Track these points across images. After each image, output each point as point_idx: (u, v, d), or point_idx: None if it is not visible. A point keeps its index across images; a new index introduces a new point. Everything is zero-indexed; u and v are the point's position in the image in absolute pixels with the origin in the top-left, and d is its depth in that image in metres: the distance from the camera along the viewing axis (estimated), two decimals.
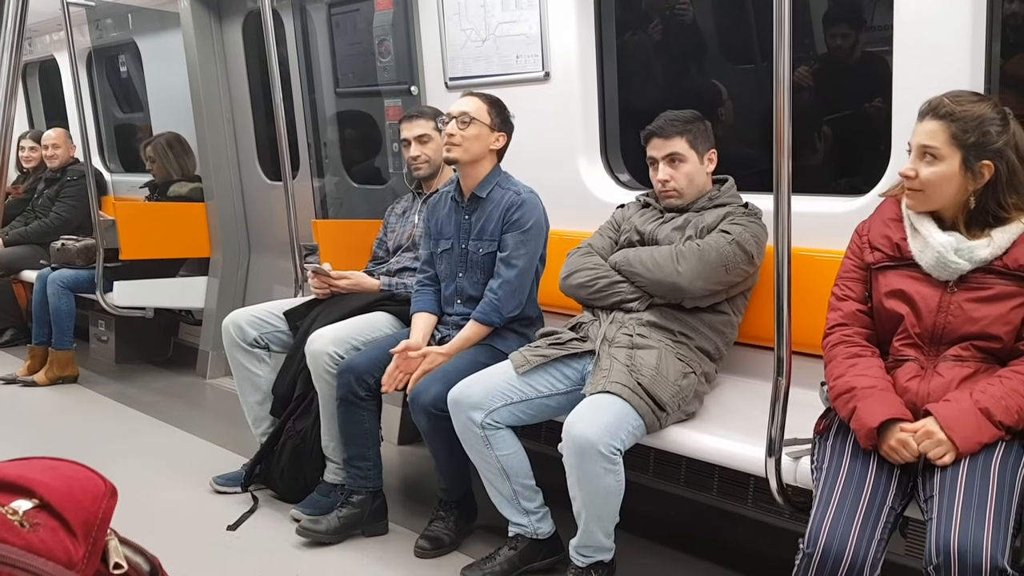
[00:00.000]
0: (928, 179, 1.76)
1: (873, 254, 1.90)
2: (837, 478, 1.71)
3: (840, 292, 1.96)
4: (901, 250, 1.85)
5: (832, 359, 1.90)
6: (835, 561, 1.59)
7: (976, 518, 1.53)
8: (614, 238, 2.58)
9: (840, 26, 2.90)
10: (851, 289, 1.94)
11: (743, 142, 3.19)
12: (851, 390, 1.80)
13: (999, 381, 1.72)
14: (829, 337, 1.94)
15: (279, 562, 2.58)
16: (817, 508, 1.67)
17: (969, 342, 1.78)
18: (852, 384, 1.80)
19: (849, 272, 1.95)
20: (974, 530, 1.50)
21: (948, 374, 1.77)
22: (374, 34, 3.77)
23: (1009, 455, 1.66)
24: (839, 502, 1.66)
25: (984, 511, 1.54)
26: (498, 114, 2.65)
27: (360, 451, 2.69)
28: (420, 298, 2.80)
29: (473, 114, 2.60)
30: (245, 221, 4.71)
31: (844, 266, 1.97)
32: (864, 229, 1.96)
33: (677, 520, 2.81)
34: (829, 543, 1.60)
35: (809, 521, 1.66)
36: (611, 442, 2.09)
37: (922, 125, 1.78)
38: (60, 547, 0.62)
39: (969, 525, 1.52)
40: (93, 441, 3.65)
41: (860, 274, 1.93)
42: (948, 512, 1.56)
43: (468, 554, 2.56)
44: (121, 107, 6.06)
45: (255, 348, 3.01)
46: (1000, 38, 2.18)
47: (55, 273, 4.59)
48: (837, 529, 1.61)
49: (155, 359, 5.02)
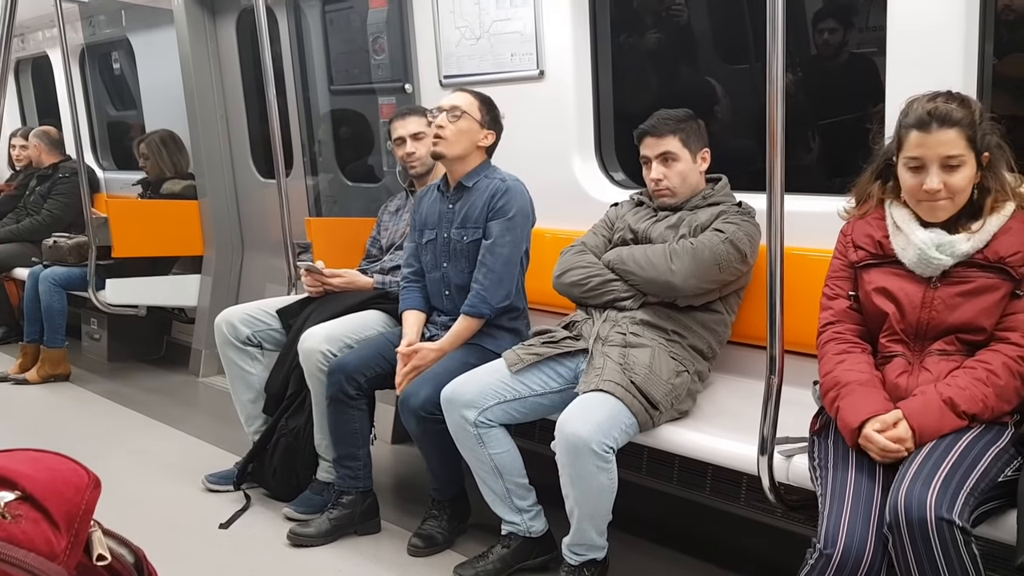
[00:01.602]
0: (957, 186, 1.76)
1: (856, 252, 1.92)
2: (846, 476, 1.71)
3: (830, 291, 1.98)
4: (884, 248, 1.87)
5: (823, 356, 1.92)
6: (855, 562, 1.58)
7: (924, 480, 1.56)
8: (608, 236, 2.57)
9: (828, 21, 2.92)
10: (840, 288, 1.96)
11: (741, 139, 3.20)
12: (836, 386, 1.82)
13: (963, 372, 1.74)
14: (821, 336, 1.96)
15: (271, 560, 2.57)
16: (830, 507, 1.66)
17: (954, 335, 1.80)
18: (838, 379, 1.82)
19: (837, 271, 1.97)
20: (919, 489, 1.54)
21: (935, 369, 1.79)
22: (368, 32, 3.76)
23: (983, 437, 1.67)
24: (853, 501, 1.65)
25: (934, 474, 1.57)
26: (488, 111, 2.64)
27: (350, 451, 2.68)
28: (408, 295, 2.78)
29: (464, 108, 2.60)
30: (238, 219, 4.70)
31: (832, 266, 2.00)
32: (848, 229, 1.98)
33: (670, 518, 2.81)
34: (849, 544, 1.58)
35: (823, 521, 1.65)
36: (604, 440, 2.09)
37: (934, 136, 1.75)
38: (42, 538, 0.61)
39: (916, 484, 1.55)
40: (85, 439, 3.63)
41: (848, 272, 1.95)
42: (902, 478, 1.59)
43: (461, 552, 2.56)
44: (114, 104, 6.04)
45: (248, 346, 3.00)
46: (993, 38, 2.19)
47: (47, 271, 4.57)
48: (855, 530, 1.60)
49: (148, 357, 5.00)
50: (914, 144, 1.78)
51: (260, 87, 3.59)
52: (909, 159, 1.79)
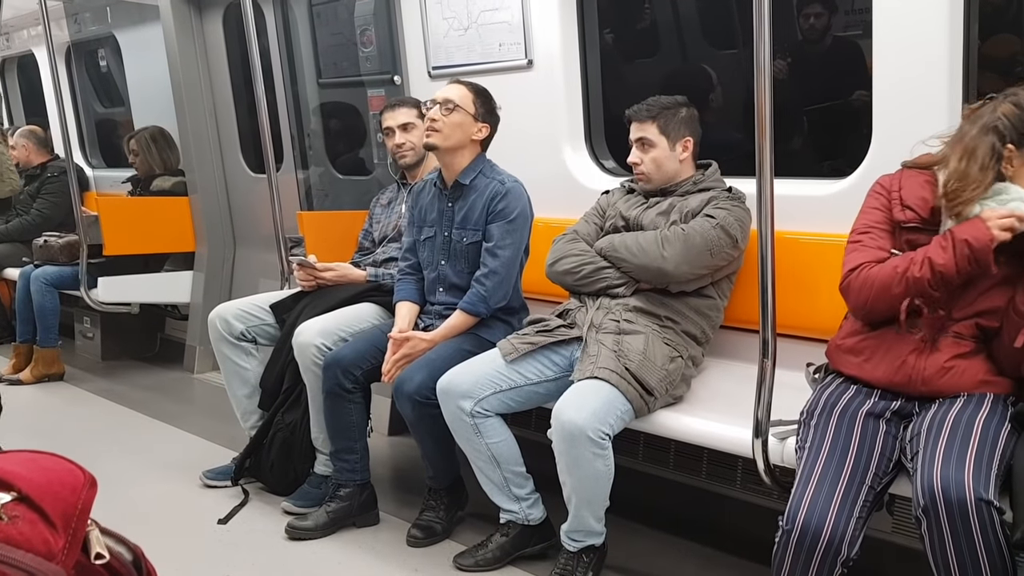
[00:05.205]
0: None
1: (904, 212, 1.85)
2: (818, 457, 1.73)
3: (871, 241, 1.86)
4: (935, 215, 1.81)
5: (868, 278, 1.81)
6: (813, 538, 1.60)
7: (957, 461, 1.55)
8: (599, 224, 2.58)
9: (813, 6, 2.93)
10: (880, 240, 1.86)
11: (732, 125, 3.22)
12: (906, 263, 1.76)
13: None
14: (853, 273, 1.84)
15: (271, 555, 2.58)
16: (797, 486, 1.69)
17: (975, 320, 1.79)
18: (897, 264, 1.77)
19: (878, 224, 1.87)
20: (955, 470, 1.53)
21: (946, 350, 1.79)
22: (356, 24, 3.74)
23: (995, 414, 1.69)
24: (819, 480, 1.67)
25: (965, 455, 1.56)
26: (483, 104, 2.63)
27: (347, 444, 2.69)
28: (403, 287, 2.79)
29: (457, 101, 2.59)
30: (230, 214, 4.68)
31: (871, 218, 1.89)
32: (893, 185, 1.90)
33: (667, 503, 2.83)
34: (808, 520, 1.61)
35: (789, 499, 1.68)
36: (600, 427, 2.10)
37: None
38: (39, 539, 0.62)
39: (950, 466, 1.54)
40: (81, 438, 3.63)
41: (891, 226, 1.87)
42: (931, 460, 1.58)
43: (460, 542, 2.57)
44: (102, 102, 6.00)
45: (242, 342, 2.99)
46: (978, 19, 2.19)
47: (38, 270, 4.55)
48: (816, 507, 1.63)
49: (142, 355, 4.99)
50: None
51: (248, 81, 3.57)
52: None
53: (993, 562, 1.49)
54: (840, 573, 1.63)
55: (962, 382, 1.78)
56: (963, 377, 1.78)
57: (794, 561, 1.63)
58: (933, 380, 1.79)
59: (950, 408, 1.72)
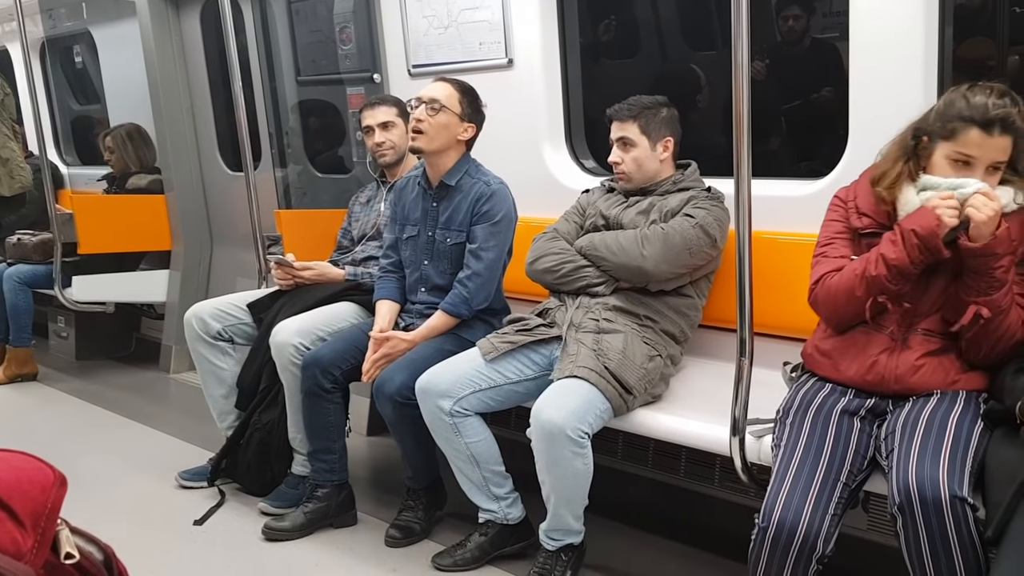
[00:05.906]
0: (993, 185, 1.75)
1: (861, 219, 1.90)
2: (794, 455, 1.75)
3: (833, 252, 1.92)
4: (890, 219, 1.85)
5: (830, 284, 1.87)
6: (788, 535, 1.62)
7: (931, 459, 1.57)
8: (579, 223, 2.58)
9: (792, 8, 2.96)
10: (843, 250, 1.92)
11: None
12: (862, 266, 1.80)
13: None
14: (819, 283, 1.91)
15: (247, 556, 2.56)
16: (773, 484, 1.71)
17: (941, 314, 1.81)
18: (855, 267, 1.82)
19: (839, 234, 1.94)
20: (929, 468, 1.55)
21: (917, 348, 1.82)
22: (335, 21, 3.72)
23: (968, 411, 1.71)
24: (794, 478, 1.69)
25: (939, 453, 1.59)
26: (470, 103, 2.61)
27: (325, 444, 2.67)
28: (384, 285, 2.77)
29: (443, 101, 2.56)
30: (207, 213, 4.64)
31: (831, 229, 1.95)
32: (849, 195, 1.95)
33: (646, 501, 2.84)
34: (783, 518, 1.63)
35: (765, 497, 1.69)
36: (579, 426, 2.10)
37: (995, 140, 1.71)
38: (8, 538, 0.61)
39: (925, 464, 1.57)
40: (55, 438, 3.59)
41: (850, 236, 1.92)
42: (905, 458, 1.60)
43: (439, 541, 2.56)
44: (77, 99, 5.92)
45: (219, 341, 2.97)
46: (952, 22, 2.22)
47: (11, 269, 4.49)
48: (791, 504, 1.64)
49: (117, 355, 4.93)
50: (973, 142, 1.72)
51: (226, 78, 3.54)
52: (959, 153, 1.74)
53: (967, 558, 1.51)
54: (815, 570, 1.64)
55: (934, 380, 1.80)
56: (935, 374, 1.80)
57: (770, 558, 1.64)
58: (905, 378, 1.82)
59: (924, 406, 1.74)
